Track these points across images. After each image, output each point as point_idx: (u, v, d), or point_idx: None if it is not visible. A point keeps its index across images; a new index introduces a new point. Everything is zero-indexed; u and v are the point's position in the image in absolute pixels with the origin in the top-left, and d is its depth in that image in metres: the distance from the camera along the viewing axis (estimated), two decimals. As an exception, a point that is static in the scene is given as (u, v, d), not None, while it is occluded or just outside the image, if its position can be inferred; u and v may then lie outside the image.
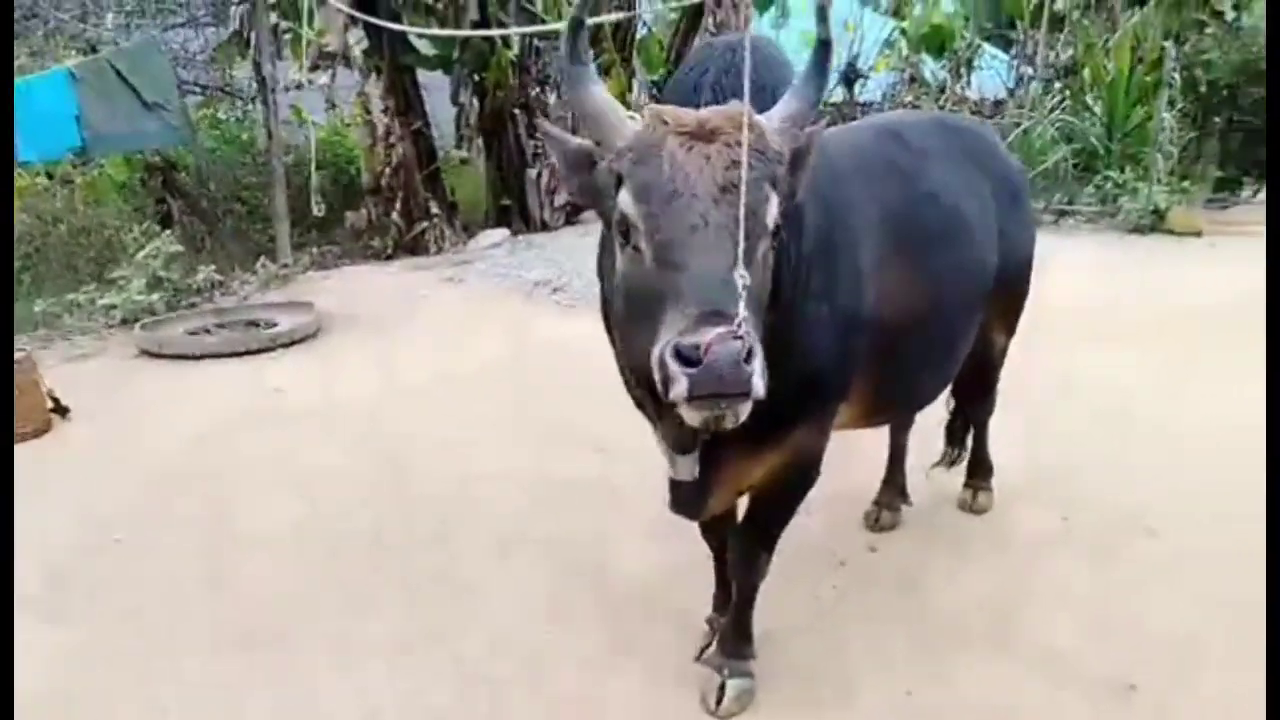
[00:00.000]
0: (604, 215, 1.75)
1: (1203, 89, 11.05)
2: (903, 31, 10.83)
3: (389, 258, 8.56)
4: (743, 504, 2.38)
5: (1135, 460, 3.71)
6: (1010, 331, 3.06)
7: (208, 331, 5.98)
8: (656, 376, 1.45)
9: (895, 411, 2.94)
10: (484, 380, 4.89)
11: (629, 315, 1.66)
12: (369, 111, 9.33)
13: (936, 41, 10.43)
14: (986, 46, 11.99)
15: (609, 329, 2.08)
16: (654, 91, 9.88)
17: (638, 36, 9.97)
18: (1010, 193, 2.80)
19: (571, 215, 9.09)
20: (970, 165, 2.65)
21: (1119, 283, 6.35)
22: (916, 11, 11.45)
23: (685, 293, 1.45)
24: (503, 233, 8.30)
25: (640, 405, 2.10)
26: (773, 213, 1.62)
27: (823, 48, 1.78)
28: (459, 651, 2.65)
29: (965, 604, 2.81)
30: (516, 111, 9.19)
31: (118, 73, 6.73)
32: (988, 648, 2.59)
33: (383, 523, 3.43)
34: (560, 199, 9.00)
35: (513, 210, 9.37)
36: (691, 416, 1.47)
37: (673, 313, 1.45)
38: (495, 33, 8.34)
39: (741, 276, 1.46)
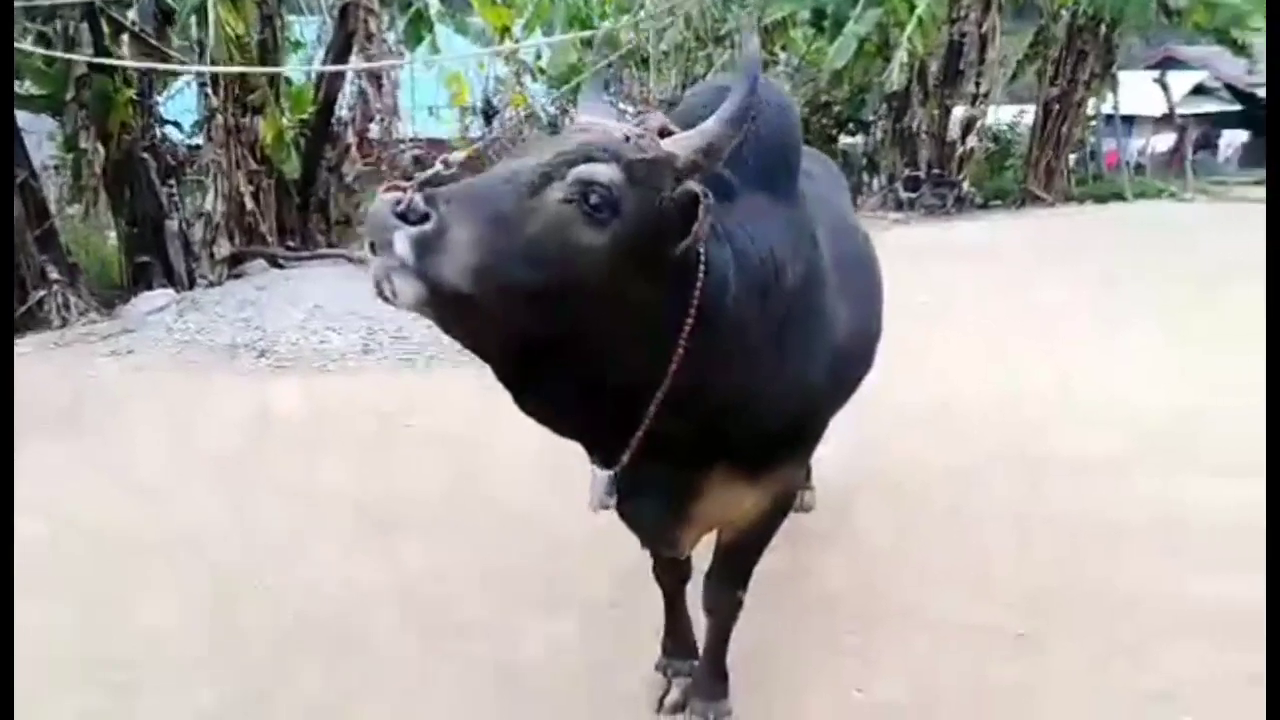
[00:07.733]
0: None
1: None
2: (541, 70, 11.32)
3: (-8, 337, 7.03)
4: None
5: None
6: None
7: None
8: None
9: None
10: (240, 470, 4.08)
11: None
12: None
13: (573, 78, 11.06)
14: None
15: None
16: (304, 130, 9.26)
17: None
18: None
19: (233, 266, 8.16)
20: (839, 188, 2.81)
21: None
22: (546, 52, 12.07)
23: None
24: (167, 294, 7.22)
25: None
26: None
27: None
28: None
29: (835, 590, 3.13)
30: (145, 156, 8.07)
31: None
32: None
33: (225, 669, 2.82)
34: (222, 251, 8.03)
35: (153, 268, 8.19)
36: None
37: None
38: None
39: None
